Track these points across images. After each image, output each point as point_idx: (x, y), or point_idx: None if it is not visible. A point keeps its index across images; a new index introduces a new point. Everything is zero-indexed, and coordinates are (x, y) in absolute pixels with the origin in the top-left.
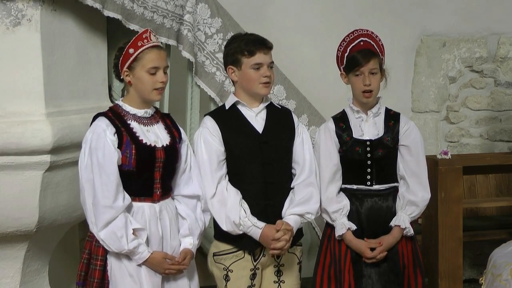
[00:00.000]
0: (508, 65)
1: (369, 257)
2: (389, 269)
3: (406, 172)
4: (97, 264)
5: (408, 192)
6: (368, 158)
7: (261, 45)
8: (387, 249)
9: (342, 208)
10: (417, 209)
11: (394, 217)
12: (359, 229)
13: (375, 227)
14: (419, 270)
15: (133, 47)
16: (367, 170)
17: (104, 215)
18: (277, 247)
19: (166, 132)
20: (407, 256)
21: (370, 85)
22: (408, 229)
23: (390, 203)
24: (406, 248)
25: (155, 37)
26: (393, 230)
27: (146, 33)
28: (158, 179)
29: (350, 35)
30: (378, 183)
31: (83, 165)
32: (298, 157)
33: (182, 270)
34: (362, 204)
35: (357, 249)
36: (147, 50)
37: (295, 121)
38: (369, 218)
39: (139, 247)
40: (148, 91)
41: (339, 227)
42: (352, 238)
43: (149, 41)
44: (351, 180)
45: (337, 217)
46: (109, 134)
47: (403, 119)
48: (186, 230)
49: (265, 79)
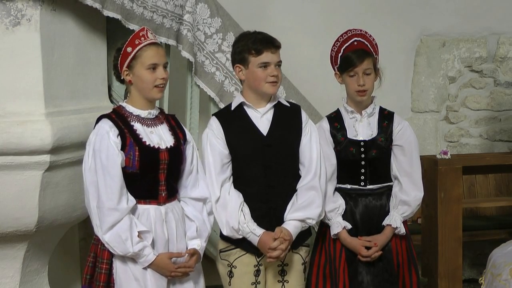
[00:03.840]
0: (508, 65)
1: (365, 256)
2: (383, 268)
3: (399, 172)
4: (102, 267)
5: (401, 192)
6: (362, 159)
7: (269, 44)
8: (380, 248)
9: (338, 207)
10: (410, 209)
11: (387, 216)
12: (353, 228)
13: (369, 226)
14: (414, 268)
15: (131, 45)
16: (361, 171)
17: (109, 218)
18: (273, 256)
19: (171, 134)
20: (402, 255)
21: (364, 85)
22: (399, 228)
23: (384, 202)
24: (401, 246)
25: (152, 34)
26: (385, 229)
27: (143, 31)
28: (163, 181)
29: (343, 35)
30: (372, 183)
31: (87, 168)
32: (304, 158)
33: (188, 273)
34: (356, 204)
35: (352, 247)
36: (145, 47)
37: (303, 119)
38: (364, 218)
39: (144, 250)
40: (149, 89)
41: (335, 226)
42: (346, 236)
43: (146, 38)
44: (345, 180)
45: (332, 216)
46: (112, 136)
47: (396, 119)
48: (193, 232)
49: (272, 78)
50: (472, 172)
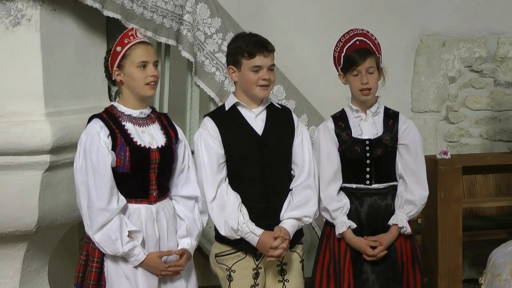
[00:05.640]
0: (508, 65)
1: (370, 255)
2: (388, 267)
3: (404, 171)
4: (93, 266)
5: (406, 191)
6: (367, 157)
7: (262, 47)
8: (386, 247)
9: (343, 206)
10: (415, 208)
11: (392, 215)
12: (358, 227)
13: (374, 225)
14: (418, 268)
15: (120, 45)
16: (366, 169)
17: (99, 218)
18: (275, 255)
19: (162, 133)
20: (406, 254)
21: (368, 84)
22: (405, 228)
23: (389, 202)
24: (405, 246)
25: (142, 34)
26: (391, 228)
27: (132, 31)
28: (154, 180)
29: (345, 35)
30: (377, 182)
31: (78, 167)
32: (297, 158)
33: (179, 271)
34: (361, 203)
35: (357, 247)
36: (134, 46)
37: (295, 121)
38: (369, 217)
39: (134, 250)
40: (140, 87)
41: (340, 225)
42: (352, 236)
43: (135, 37)
44: (350, 179)
45: (337, 215)
46: (103, 136)
47: (401, 118)
48: (184, 231)
49: (263, 82)
50: (472, 172)
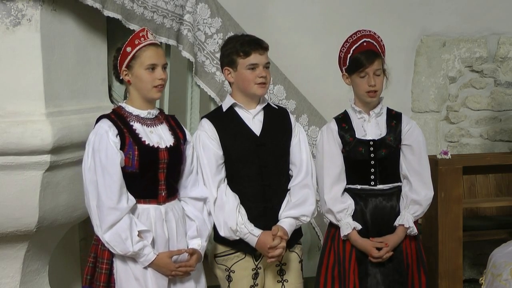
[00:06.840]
0: (508, 65)
1: (376, 257)
2: (393, 269)
3: (409, 171)
4: (102, 267)
5: (411, 191)
6: (371, 158)
7: (256, 45)
8: (392, 248)
9: (347, 208)
10: (421, 208)
11: (398, 216)
12: (364, 229)
13: (379, 226)
14: (423, 269)
15: (131, 45)
16: (371, 170)
17: (109, 217)
18: (275, 255)
19: (170, 133)
20: (411, 255)
21: (375, 86)
22: (412, 228)
23: (394, 203)
24: (410, 247)
25: (152, 35)
26: (397, 229)
27: (143, 32)
28: (162, 180)
29: (352, 36)
30: (381, 183)
31: (87, 167)
32: (295, 158)
33: (189, 272)
34: (366, 204)
35: (362, 248)
36: (145, 47)
37: (292, 121)
38: (374, 218)
39: (144, 249)
40: (148, 89)
41: (345, 227)
42: (357, 237)
43: (146, 39)
44: (355, 180)
45: (342, 217)
46: (111, 136)
47: (405, 119)
48: (194, 232)
49: (260, 80)
50: (473, 172)
